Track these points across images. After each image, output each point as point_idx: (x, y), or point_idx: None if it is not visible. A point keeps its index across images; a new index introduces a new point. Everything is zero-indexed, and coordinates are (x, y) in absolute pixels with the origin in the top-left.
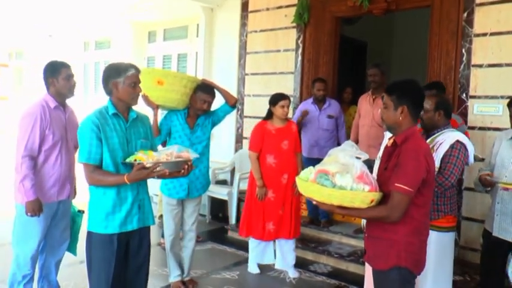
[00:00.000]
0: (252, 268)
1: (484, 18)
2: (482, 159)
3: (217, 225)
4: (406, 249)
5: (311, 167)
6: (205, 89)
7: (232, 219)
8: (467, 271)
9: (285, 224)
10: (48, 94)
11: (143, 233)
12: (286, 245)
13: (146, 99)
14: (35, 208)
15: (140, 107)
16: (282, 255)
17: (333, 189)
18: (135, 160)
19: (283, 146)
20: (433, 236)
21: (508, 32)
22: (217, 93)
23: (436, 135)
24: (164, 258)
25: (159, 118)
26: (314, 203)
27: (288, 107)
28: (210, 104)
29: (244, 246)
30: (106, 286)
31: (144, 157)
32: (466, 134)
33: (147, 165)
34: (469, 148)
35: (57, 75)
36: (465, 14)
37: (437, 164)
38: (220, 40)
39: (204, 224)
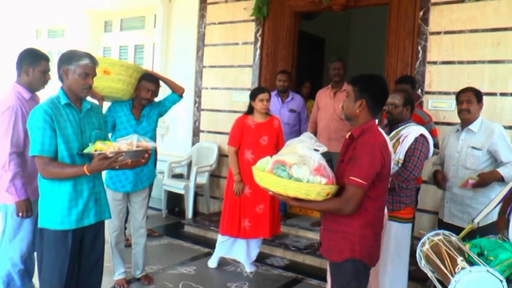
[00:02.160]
0: (212, 261)
1: (438, 17)
2: (438, 153)
3: (173, 220)
4: (360, 241)
5: (268, 157)
6: (149, 77)
7: (189, 214)
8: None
9: (264, 223)
10: (18, 83)
11: (98, 227)
12: (253, 240)
13: (91, 90)
14: (27, 207)
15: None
16: (247, 249)
17: (289, 180)
18: (96, 150)
19: (262, 141)
20: (394, 227)
21: (460, 31)
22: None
23: (400, 128)
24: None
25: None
26: (270, 193)
27: (268, 100)
28: (154, 93)
29: (201, 241)
30: (59, 286)
31: (105, 147)
32: (434, 131)
33: (110, 155)
34: (430, 142)
35: (35, 65)
36: (421, 13)
37: (401, 156)
38: (178, 31)
39: (160, 219)
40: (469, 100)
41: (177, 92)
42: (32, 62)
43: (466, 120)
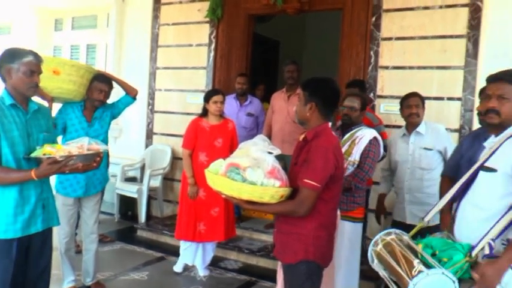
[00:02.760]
0: (177, 267)
1: (390, 24)
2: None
3: (126, 224)
4: (313, 243)
5: (221, 159)
6: (101, 78)
7: (142, 218)
8: None
9: (219, 226)
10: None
11: (46, 234)
12: (208, 245)
13: (40, 91)
14: None
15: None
16: (203, 253)
17: (243, 184)
18: (44, 154)
19: (217, 143)
20: (348, 227)
21: (411, 38)
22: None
23: (354, 131)
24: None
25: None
26: (223, 196)
27: (222, 102)
28: (106, 94)
29: (154, 246)
30: None
31: (54, 150)
32: (384, 133)
33: (59, 159)
34: (381, 145)
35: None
36: (373, 19)
37: (357, 157)
38: (131, 32)
39: (112, 223)
40: (418, 105)
41: (131, 94)
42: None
43: (414, 124)
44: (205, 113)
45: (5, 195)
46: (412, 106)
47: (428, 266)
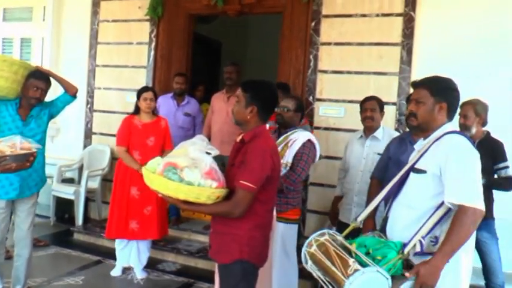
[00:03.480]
0: (115, 271)
1: (329, 29)
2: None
3: (62, 228)
4: (248, 243)
5: (159, 158)
6: (38, 75)
7: (79, 220)
8: None
9: (152, 224)
10: None
11: None
12: (142, 244)
13: None
14: None
15: None
16: (137, 253)
17: (179, 184)
18: None
19: (149, 142)
20: (281, 228)
21: (348, 43)
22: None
23: (288, 133)
24: None
25: None
26: (159, 195)
27: (152, 99)
28: (43, 91)
29: (91, 249)
30: None
31: None
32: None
33: None
34: (317, 147)
35: None
36: (313, 24)
37: (290, 160)
38: (69, 27)
39: (47, 227)
40: (373, 108)
41: (70, 92)
42: None
43: (369, 128)
44: (137, 110)
45: None
46: (367, 110)
47: (363, 264)
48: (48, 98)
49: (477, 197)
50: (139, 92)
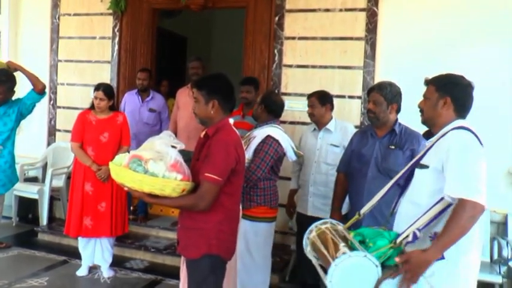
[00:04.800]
0: (81, 270)
1: (292, 24)
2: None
3: (26, 228)
4: (217, 237)
5: (126, 153)
6: None
7: (43, 220)
8: (277, 253)
9: (105, 221)
10: None
11: None
12: (104, 241)
13: None
14: None
15: None
16: (101, 251)
17: (144, 175)
18: None
19: (103, 138)
20: (244, 225)
21: (313, 38)
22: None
23: (254, 129)
24: None
25: None
26: (125, 189)
27: (103, 99)
28: (3, 91)
29: (57, 249)
30: None
31: None
32: None
33: None
34: (284, 144)
35: None
36: (277, 18)
37: (248, 156)
38: (29, 20)
39: (9, 228)
40: (312, 105)
41: (36, 88)
42: None
43: (315, 123)
44: (93, 106)
45: None
46: (308, 107)
47: (354, 250)
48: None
49: (477, 191)
50: (94, 89)
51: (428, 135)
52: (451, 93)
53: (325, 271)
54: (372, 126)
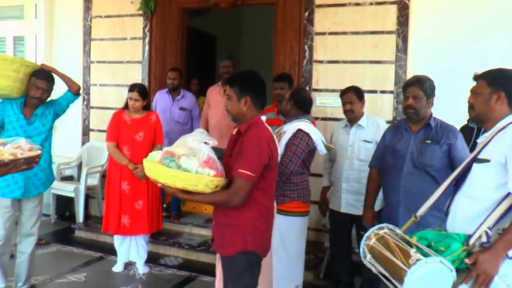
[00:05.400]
0: (116, 267)
1: (323, 19)
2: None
3: (63, 225)
4: (252, 233)
5: (159, 151)
6: (39, 74)
7: (80, 218)
8: (311, 250)
9: (143, 219)
10: None
11: None
12: (139, 238)
13: None
14: None
15: None
16: (136, 247)
17: (177, 170)
18: None
19: (138, 137)
20: (278, 219)
21: (343, 33)
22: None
23: (284, 125)
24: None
25: None
26: (159, 185)
27: (137, 100)
28: (45, 91)
29: (93, 246)
30: None
31: None
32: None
33: (7, 161)
34: (314, 137)
35: None
36: (306, 14)
37: (280, 151)
38: (62, 24)
39: (48, 225)
40: (351, 101)
41: (72, 90)
42: None
43: (352, 119)
44: (127, 105)
45: None
46: (345, 103)
47: (425, 256)
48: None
49: None
50: (128, 90)
51: (465, 130)
52: (504, 88)
53: (388, 279)
54: (406, 120)
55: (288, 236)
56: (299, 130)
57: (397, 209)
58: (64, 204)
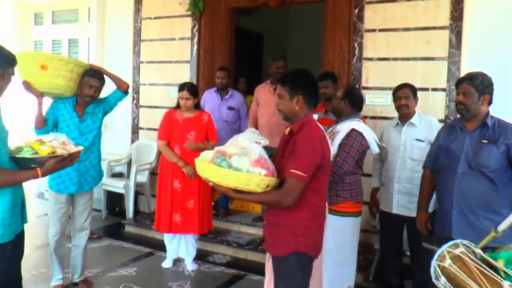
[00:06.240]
0: (166, 262)
1: (373, 16)
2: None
3: (114, 220)
4: (304, 233)
5: (211, 150)
6: (92, 73)
7: (130, 213)
8: (360, 251)
9: (194, 218)
10: None
11: (23, 232)
12: (188, 235)
13: (28, 86)
14: None
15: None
16: (185, 245)
17: (228, 170)
18: (49, 153)
19: (189, 136)
20: (331, 220)
21: (394, 29)
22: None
23: (337, 124)
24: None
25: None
26: (210, 184)
27: (189, 98)
28: (97, 89)
29: (142, 241)
30: None
31: (44, 148)
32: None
33: (66, 156)
34: (368, 136)
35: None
36: (356, 11)
37: (333, 151)
38: (113, 26)
39: (100, 220)
40: (407, 96)
41: (121, 88)
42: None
43: (405, 115)
44: (179, 105)
45: (2, 198)
46: (401, 98)
47: None
48: (102, 94)
49: None
50: (178, 90)
51: None
52: None
53: None
54: (460, 119)
55: (341, 237)
56: (353, 130)
57: (450, 212)
58: (114, 200)
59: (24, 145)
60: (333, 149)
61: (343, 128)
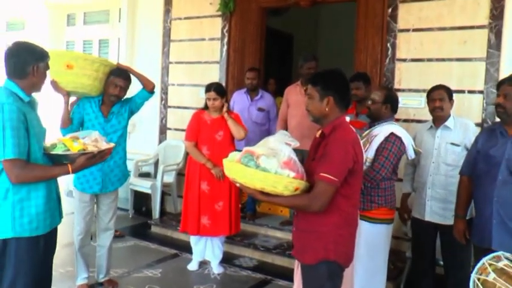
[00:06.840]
0: (191, 265)
1: (407, 15)
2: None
3: (140, 220)
4: (335, 241)
5: (238, 152)
6: (118, 72)
7: (156, 214)
8: (390, 259)
9: (223, 220)
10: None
11: (56, 229)
12: (215, 238)
13: (55, 85)
14: None
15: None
16: (212, 247)
17: (255, 170)
18: (84, 150)
19: (218, 137)
20: (364, 227)
21: (429, 29)
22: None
23: (374, 127)
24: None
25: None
26: (237, 185)
27: (216, 99)
28: (123, 89)
29: (168, 242)
30: None
31: (76, 145)
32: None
33: (96, 153)
34: (406, 141)
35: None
36: (390, 10)
37: (370, 155)
38: (143, 26)
39: (126, 219)
40: (442, 98)
41: (147, 88)
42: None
43: (439, 118)
44: (207, 106)
45: (36, 194)
46: (435, 100)
47: None
48: (128, 94)
49: None
50: (205, 90)
51: None
52: None
53: None
54: (501, 123)
55: (374, 245)
56: (391, 134)
57: (489, 221)
58: (141, 200)
59: (57, 142)
60: (370, 153)
61: (381, 131)
